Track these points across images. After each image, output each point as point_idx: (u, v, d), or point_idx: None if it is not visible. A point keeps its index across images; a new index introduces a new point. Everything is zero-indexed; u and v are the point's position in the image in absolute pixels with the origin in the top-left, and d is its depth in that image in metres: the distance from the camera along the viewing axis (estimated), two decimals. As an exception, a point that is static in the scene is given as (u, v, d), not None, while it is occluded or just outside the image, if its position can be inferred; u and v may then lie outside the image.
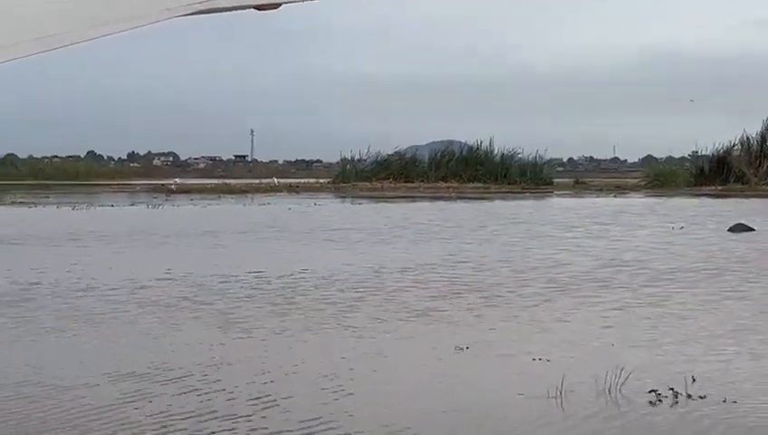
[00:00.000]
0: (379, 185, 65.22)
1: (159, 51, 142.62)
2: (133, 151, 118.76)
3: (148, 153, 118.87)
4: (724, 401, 8.78)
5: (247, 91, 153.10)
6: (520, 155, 71.61)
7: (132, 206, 43.97)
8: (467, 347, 11.14)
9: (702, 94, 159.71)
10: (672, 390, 9.03)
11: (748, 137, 65.12)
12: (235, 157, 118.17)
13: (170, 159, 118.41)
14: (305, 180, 73.23)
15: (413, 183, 66.21)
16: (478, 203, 47.63)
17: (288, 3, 2.79)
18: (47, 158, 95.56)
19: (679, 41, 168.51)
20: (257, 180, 68.64)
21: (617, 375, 9.20)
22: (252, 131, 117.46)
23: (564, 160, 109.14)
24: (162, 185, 63.92)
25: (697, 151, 70.95)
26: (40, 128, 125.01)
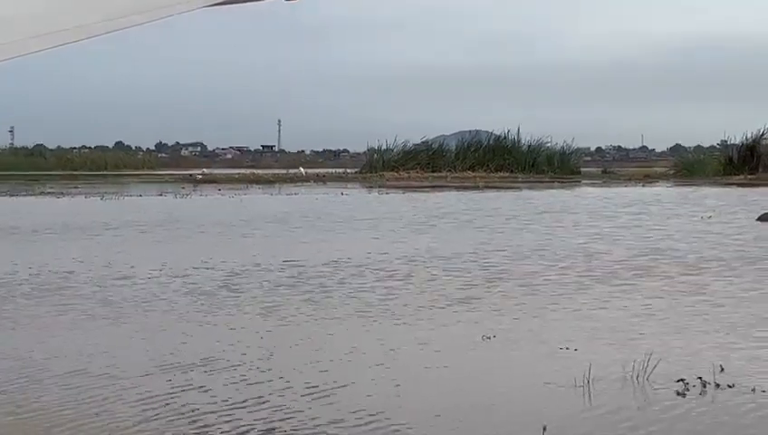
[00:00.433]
0: (407, 175, 65.23)
1: (187, 41, 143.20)
2: (161, 142, 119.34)
3: (176, 144, 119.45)
4: (753, 390, 8.71)
5: (275, 81, 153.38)
6: (548, 144, 71.61)
7: (160, 196, 44.14)
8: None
9: (731, 83, 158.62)
10: (700, 379, 9.01)
11: (778, 126, 64.76)
12: (263, 147, 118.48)
13: (198, 149, 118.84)
14: (332, 170, 73.29)
15: (440, 173, 66.17)
16: (507, 192, 47.56)
17: None
18: (75, 148, 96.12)
19: (709, 30, 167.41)
20: (284, 170, 68.79)
21: (644, 364, 9.19)
22: (279, 121, 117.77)
23: (592, 150, 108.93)
24: (190, 175, 64.05)
25: (726, 140, 70.66)
26: (68, 118, 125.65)
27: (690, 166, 67.06)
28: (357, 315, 12.66)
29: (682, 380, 8.99)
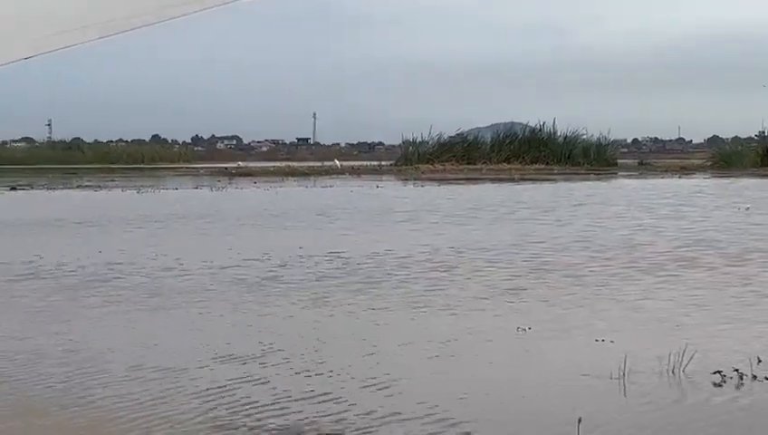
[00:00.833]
0: (441, 167, 65.14)
1: (223, 34, 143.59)
2: (197, 135, 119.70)
3: (212, 137, 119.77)
4: (791, 383, 8.68)
5: (310, 73, 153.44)
6: (584, 136, 71.30)
7: (196, 189, 44.37)
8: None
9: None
10: (737, 371, 8.96)
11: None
12: (298, 140, 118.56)
13: (234, 142, 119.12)
14: (367, 163, 73.31)
15: (475, 165, 66.05)
16: (544, 184, 47.47)
17: None
18: (112, 141, 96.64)
19: (749, 19, 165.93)
20: (319, 163, 68.81)
21: (680, 355, 9.16)
22: (314, 114, 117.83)
23: (629, 141, 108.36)
24: (225, 168, 64.31)
25: (764, 132, 70.19)
26: (105, 112, 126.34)
27: (727, 157, 66.56)
28: (409, 306, 12.73)
29: (719, 371, 8.96)
